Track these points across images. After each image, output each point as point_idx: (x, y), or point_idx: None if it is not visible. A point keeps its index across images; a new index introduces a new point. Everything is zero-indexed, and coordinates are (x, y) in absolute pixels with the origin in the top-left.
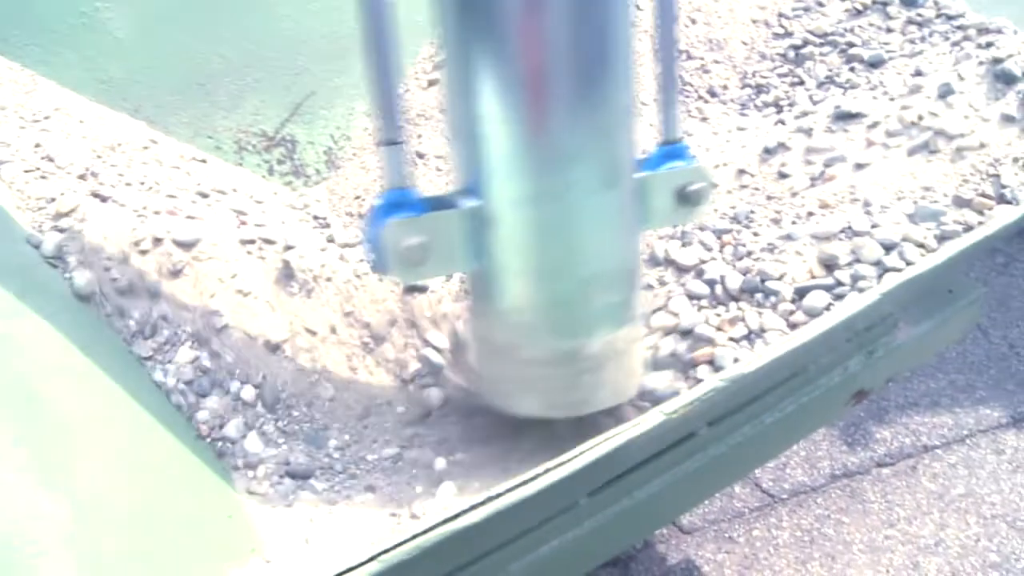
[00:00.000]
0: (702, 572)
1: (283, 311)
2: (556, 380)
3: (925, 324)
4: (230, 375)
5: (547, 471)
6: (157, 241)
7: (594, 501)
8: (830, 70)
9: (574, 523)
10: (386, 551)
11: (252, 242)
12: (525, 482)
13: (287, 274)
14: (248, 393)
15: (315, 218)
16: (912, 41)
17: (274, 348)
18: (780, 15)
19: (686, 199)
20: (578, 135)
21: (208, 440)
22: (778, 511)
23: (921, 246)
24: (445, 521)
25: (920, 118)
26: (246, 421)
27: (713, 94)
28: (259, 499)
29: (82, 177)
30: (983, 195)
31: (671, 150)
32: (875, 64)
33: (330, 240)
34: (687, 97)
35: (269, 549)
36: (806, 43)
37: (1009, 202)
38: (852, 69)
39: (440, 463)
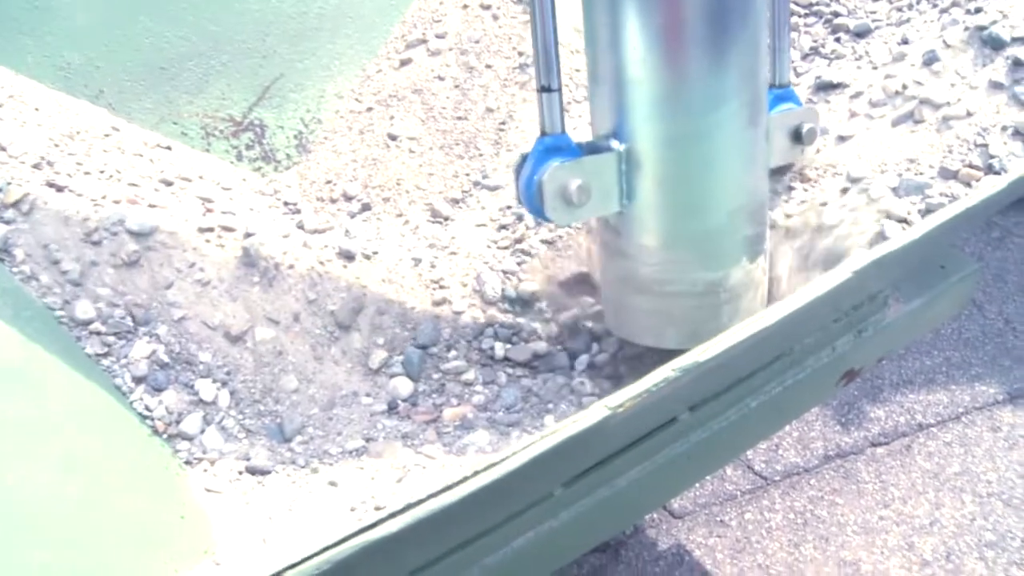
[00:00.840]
0: (693, 557)
1: (244, 301)
2: (699, 311)
3: (917, 301)
4: (188, 368)
5: (493, 464)
6: (111, 231)
7: (570, 491)
8: (815, 41)
9: (549, 514)
10: (335, 544)
11: (211, 230)
12: (480, 471)
13: (247, 262)
14: (207, 387)
15: (285, 204)
16: (899, 9)
17: (235, 339)
18: None
19: (799, 138)
20: (727, 76)
21: (164, 437)
22: (771, 493)
23: (904, 221)
24: (405, 509)
25: (904, 87)
26: (205, 416)
27: None
28: (217, 497)
29: (36, 166)
30: (970, 166)
31: (783, 93)
32: (861, 34)
33: (300, 226)
34: None
35: (223, 550)
36: (790, 13)
37: (997, 172)
38: (838, 39)
39: (408, 455)
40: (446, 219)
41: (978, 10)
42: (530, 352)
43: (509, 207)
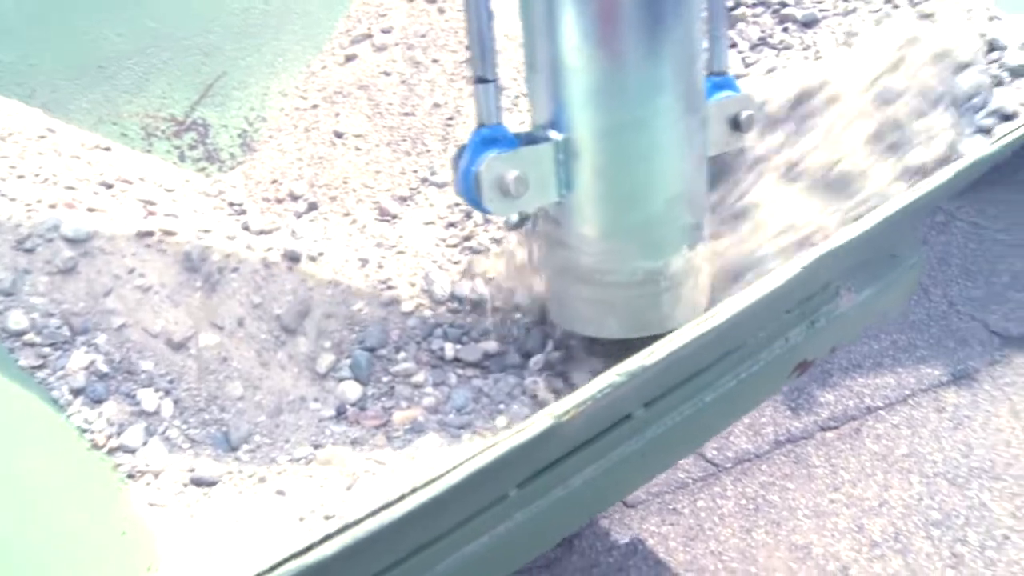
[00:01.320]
0: (647, 545)
1: (187, 306)
2: (640, 300)
3: (868, 290)
4: (129, 378)
5: (447, 471)
6: (46, 237)
7: (525, 493)
8: (763, 31)
9: (504, 516)
10: (282, 563)
11: (151, 234)
12: (435, 479)
13: (190, 267)
14: (149, 397)
15: (230, 204)
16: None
17: (177, 346)
18: None
19: (738, 126)
20: (663, 65)
21: (105, 451)
22: (722, 480)
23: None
24: (357, 522)
25: None
26: (147, 427)
27: None
28: (161, 511)
29: None
30: None
31: (721, 81)
32: (809, 24)
33: (245, 227)
34: None
35: (167, 565)
36: (738, 4)
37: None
38: (785, 30)
39: (358, 461)
40: (394, 217)
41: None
42: (481, 352)
43: (458, 204)
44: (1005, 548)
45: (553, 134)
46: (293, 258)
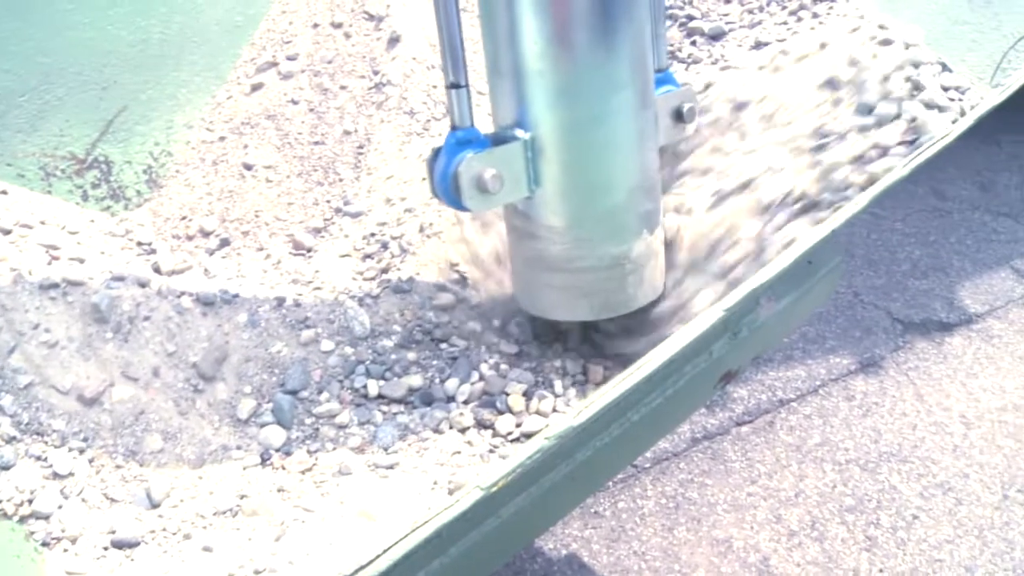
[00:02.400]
0: (570, 550)
1: (98, 359)
2: (608, 283)
3: (788, 298)
4: (39, 440)
5: (388, 548)
6: None
7: (457, 527)
8: (671, 45)
9: (439, 552)
10: None
11: (56, 285)
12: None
13: (99, 318)
14: (62, 458)
15: (139, 244)
16: (751, 11)
17: (90, 402)
18: None
19: (681, 117)
20: (620, 64)
21: (16, 519)
22: (642, 480)
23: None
24: None
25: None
26: (62, 490)
27: None
28: None
29: None
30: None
31: (662, 77)
32: (716, 37)
33: (156, 268)
34: None
35: None
36: None
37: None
38: (694, 43)
39: (285, 510)
40: (308, 251)
41: (815, 15)
42: (405, 387)
43: (373, 235)
44: (915, 528)
45: (520, 133)
46: (207, 303)
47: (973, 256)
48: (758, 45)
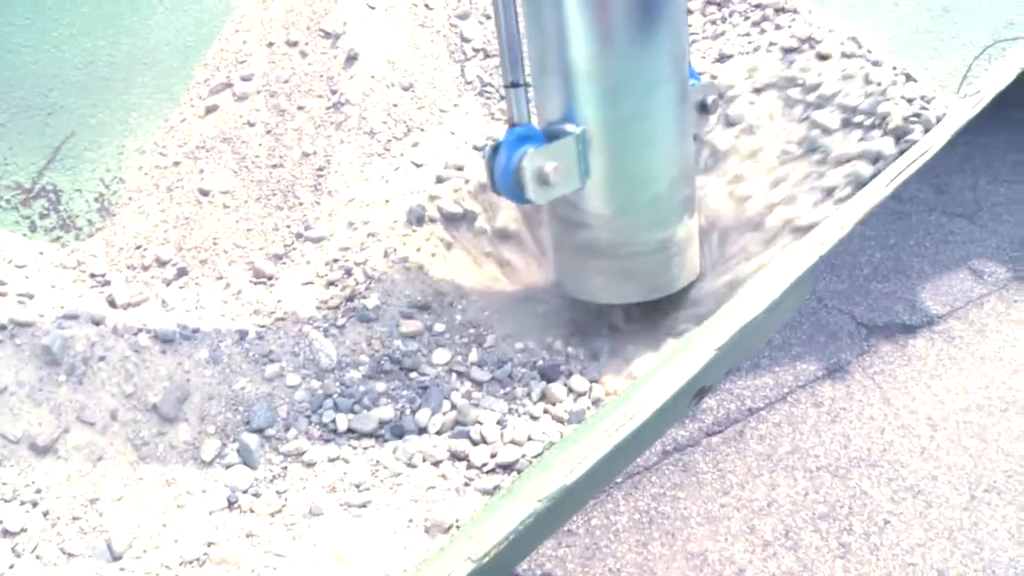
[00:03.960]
0: (544, 569)
1: (50, 404)
2: (655, 266)
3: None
4: None
5: None
6: None
7: None
8: None
9: None
10: None
11: (2, 328)
12: None
13: (51, 360)
14: (13, 513)
15: (92, 276)
16: (713, 23)
17: (43, 450)
18: None
19: (705, 109)
20: (662, 63)
21: None
22: (614, 496)
23: None
24: None
25: None
26: (14, 547)
27: None
28: None
29: None
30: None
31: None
32: None
33: (111, 301)
34: (488, 98)
35: None
36: None
37: None
38: None
39: (255, 556)
40: (270, 278)
41: (779, 27)
42: (375, 420)
43: (336, 260)
44: (887, 532)
45: (571, 127)
46: (166, 340)
47: (932, 258)
48: (722, 58)
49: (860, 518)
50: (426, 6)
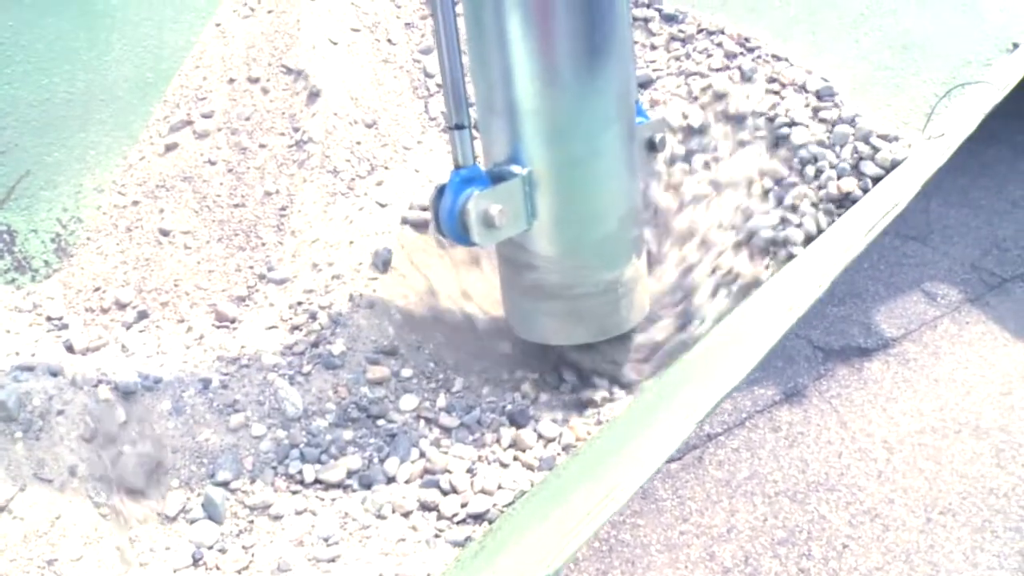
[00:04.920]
0: None
1: (6, 461)
2: (603, 308)
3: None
4: None
5: None
6: None
7: None
8: None
9: None
10: None
11: None
12: None
13: (6, 416)
14: None
15: (49, 320)
16: (677, 59)
17: None
18: None
19: (654, 147)
20: (610, 102)
21: None
22: None
23: None
24: None
25: None
26: None
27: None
28: None
29: None
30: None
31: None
32: (644, 84)
33: (68, 347)
34: (442, 132)
35: None
36: None
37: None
38: None
39: None
40: (233, 322)
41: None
42: (343, 470)
43: (300, 303)
44: (845, 557)
45: (517, 169)
46: (127, 392)
47: (887, 281)
48: (689, 96)
49: (819, 543)
50: (389, 41)
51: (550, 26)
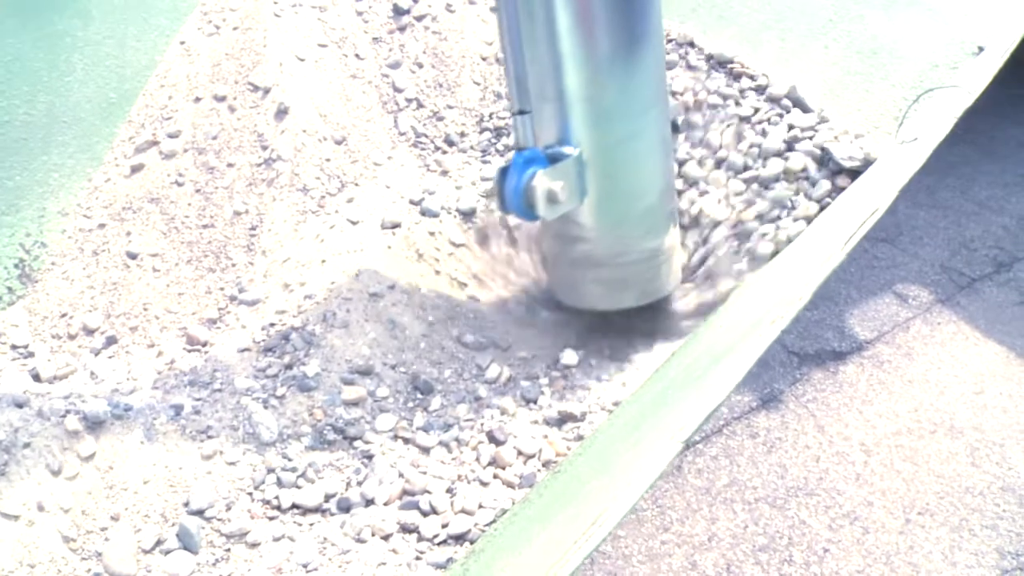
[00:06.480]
0: None
1: None
2: (646, 273)
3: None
4: None
5: None
6: None
7: None
8: None
9: None
10: None
11: None
12: None
13: None
14: None
15: (14, 348)
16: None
17: None
18: None
19: (676, 128)
20: (650, 86)
21: None
22: None
23: None
24: None
25: None
26: None
27: (451, 143)
28: None
29: None
30: None
31: None
32: None
33: (34, 375)
34: (423, 149)
35: None
36: None
37: None
38: None
39: None
40: (204, 345)
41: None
42: (321, 493)
43: (272, 324)
44: (827, 561)
45: (569, 150)
46: (95, 423)
47: (858, 283)
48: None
49: (800, 548)
50: (357, 56)
51: (595, 21)
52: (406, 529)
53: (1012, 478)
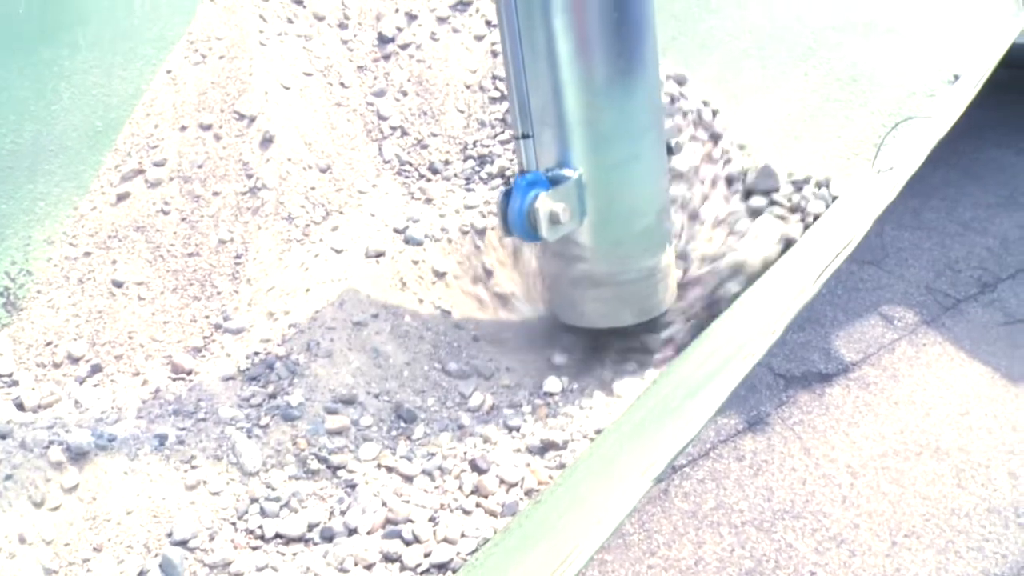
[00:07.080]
0: None
1: None
2: (644, 291)
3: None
4: None
5: None
6: None
7: None
8: None
9: None
10: None
11: None
12: None
13: None
14: None
15: None
16: None
17: None
18: (495, 77)
19: (671, 150)
20: (647, 110)
21: None
22: None
23: None
24: None
25: None
26: None
27: (435, 171)
28: None
29: None
30: None
31: None
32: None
33: (18, 404)
34: (407, 177)
35: None
36: None
37: None
38: None
39: None
40: (189, 373)
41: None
42: (304, 523)
43: (257, 353)
44: None
45: (569, 172)
46: (79, 453)
47: (844, 306)
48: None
49: (786, 571)
50: (342, 84)
51: (593, 50)
52: (389, 558)
53: (998, 499)
